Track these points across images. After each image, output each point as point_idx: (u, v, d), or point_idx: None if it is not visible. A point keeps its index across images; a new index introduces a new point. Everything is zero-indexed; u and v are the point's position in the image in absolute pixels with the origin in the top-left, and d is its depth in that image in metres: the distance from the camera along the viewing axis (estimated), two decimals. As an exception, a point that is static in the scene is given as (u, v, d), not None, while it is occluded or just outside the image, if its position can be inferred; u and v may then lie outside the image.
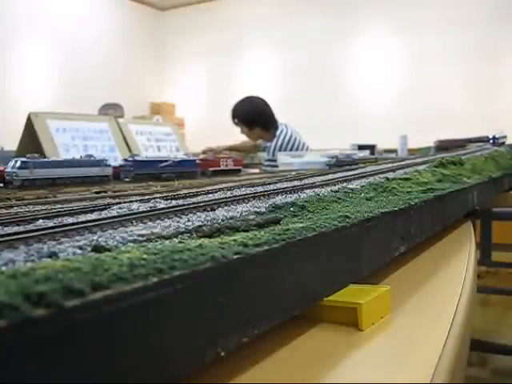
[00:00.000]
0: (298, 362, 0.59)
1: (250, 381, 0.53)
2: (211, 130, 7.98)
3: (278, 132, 4.19)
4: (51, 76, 8.28)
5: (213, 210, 0.80)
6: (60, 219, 0.70)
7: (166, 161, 1.85)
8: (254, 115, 4.15)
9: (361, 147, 3.63)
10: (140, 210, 0.77)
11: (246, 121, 4.14)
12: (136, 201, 0.89)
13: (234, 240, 0.55)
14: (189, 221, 0.71)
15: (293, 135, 4.22)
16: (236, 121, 4.17)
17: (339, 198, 0.95)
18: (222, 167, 2.15)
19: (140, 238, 0.59)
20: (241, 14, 9.58)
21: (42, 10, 8.14)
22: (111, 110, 4.63)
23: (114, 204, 0.86)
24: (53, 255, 0.50)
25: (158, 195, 1.03)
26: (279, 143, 4.12)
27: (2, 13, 7.61)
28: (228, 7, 9.77)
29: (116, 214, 0.75)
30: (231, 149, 4.54)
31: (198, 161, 1.98)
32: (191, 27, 10.03)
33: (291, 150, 4.07)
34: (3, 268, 0.44)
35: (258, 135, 4.20)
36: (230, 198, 0.88)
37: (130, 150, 2.61)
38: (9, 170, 1.49)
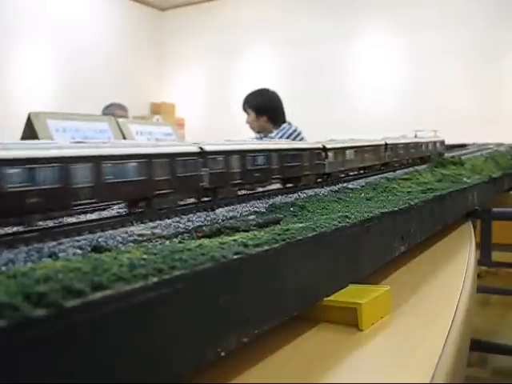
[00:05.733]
0: (298, 361, 0.59)
1: (250, 381, 0.53)
2: (211, 129, 7.98)
3: (282, 126, 4.23)
4: (51, 76, 8.28)
5: (212, 209, 0.80)
6: (60, 219, 0.70)
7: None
8: (266, 103, 4.22)
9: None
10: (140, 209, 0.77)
11: (256, 108, 4.19)
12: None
13: (234, 240, 0.56)
14: (189, 220, 0.71)
15: (296, 130, 4.26)
16: (246, 107, 4.23)
17: (339, 198, 0.95)
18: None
19: (140, 238, 0.59)
20: (240, 14, 9.58)
21: (43, 11, 8.14)
22: (118, 109, 4.57)
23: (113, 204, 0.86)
24: (53, 255, 0.50)
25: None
26: (280, 135, 4.15)
27: (2, 13, 7.62)
28: (228, 7, 9.77)
29: (116, 214, 0.75)
30: None
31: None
32: (191, 27, 10.03)
33: None
34: (3, 268, 0.44)
35: (263, 125, 4.24)
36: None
37: (129, 150, 2.60)
38: (9, 170, 1.48)
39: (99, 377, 0.35)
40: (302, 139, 4.35)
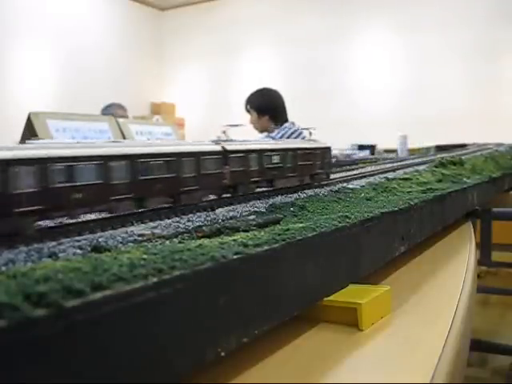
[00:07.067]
0: (298, 361, 0.59)
1: (250, 381, 0.53)
2: (211, 129, 7.98)
3: (284, 125, 4.24)
4: (51, 76, 8.28)
5: (212, 209, 0.80)
6: (60, 219, 0.70)
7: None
8: (267, 103, 4.26)
9: (361, 147, 3.63)
10: (140, 210, 0.77)
11: (257, 108, 4.23)
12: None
13: (234, 240, 0.55)
14: (189, 220, 0.71)
15: (298, 130, 4.27)
16: (248, 107, 4.26)
17: (339, 198, 0.95)
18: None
19: (140, 238, 0.59)
20: (240, 13, 9.59)
21: (43, 11, 8.14)
22: (118, 109, 4.55)
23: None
24: (53, 255, 0.50)
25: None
26: (281, 134, 4.16)
27: (2, 13, 7.62)
28: (227, 7, 9.77)
29: (116, 214, 0.74)
30: None
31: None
32: (191, 27, 10.04)
33: None
34: (3, 268, 0.44)
35: (265, 124, 4.26)
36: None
37: (129, 150, 2.59)
38: (9, 169, 1.48)
39: (99, 377, 0.35)
40: (304, 138, 4.35)
